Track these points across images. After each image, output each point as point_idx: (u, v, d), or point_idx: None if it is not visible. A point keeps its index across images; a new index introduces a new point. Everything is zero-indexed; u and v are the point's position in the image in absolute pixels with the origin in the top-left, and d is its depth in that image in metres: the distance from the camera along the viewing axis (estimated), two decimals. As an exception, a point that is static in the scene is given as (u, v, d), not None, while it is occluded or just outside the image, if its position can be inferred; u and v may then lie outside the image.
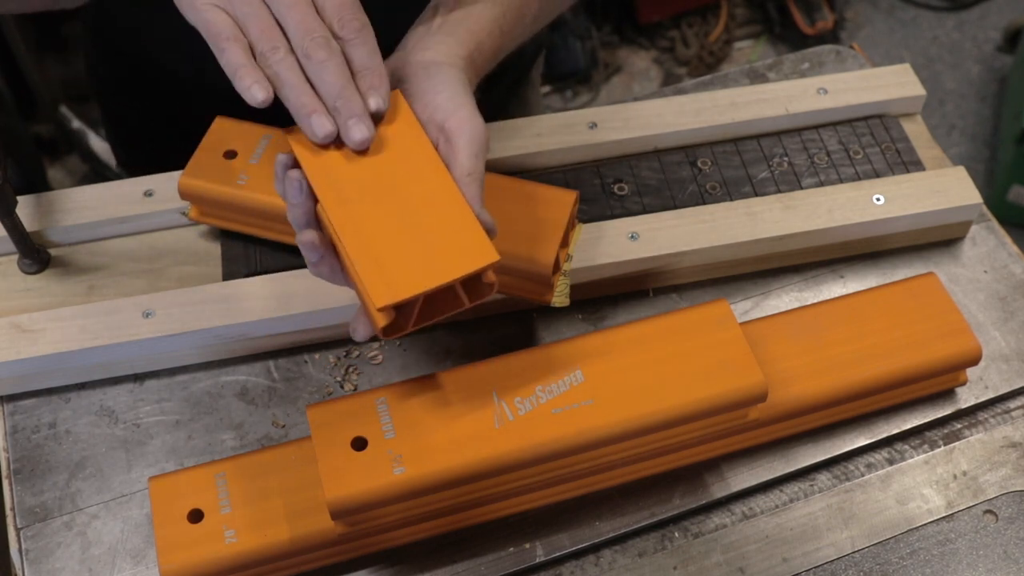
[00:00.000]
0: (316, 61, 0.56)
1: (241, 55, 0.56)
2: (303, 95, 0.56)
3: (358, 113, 0.57)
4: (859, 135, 0.84)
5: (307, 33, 0.57)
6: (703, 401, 0.62)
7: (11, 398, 0.73)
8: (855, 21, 2.37)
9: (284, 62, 0.57)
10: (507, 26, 0.69)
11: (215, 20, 0.57)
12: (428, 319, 0.59)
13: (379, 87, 0.58)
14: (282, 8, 0.57)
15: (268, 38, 0.57)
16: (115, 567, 0.66)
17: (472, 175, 0.59)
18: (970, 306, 0.78)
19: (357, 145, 0.57)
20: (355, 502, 0.59)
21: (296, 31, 0.57)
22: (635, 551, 0.67)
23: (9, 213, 0.72)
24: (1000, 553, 0.67)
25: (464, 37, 0.66)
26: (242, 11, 0.57)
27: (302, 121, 0.57)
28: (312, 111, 0.56)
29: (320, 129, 0.56)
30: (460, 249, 0.57)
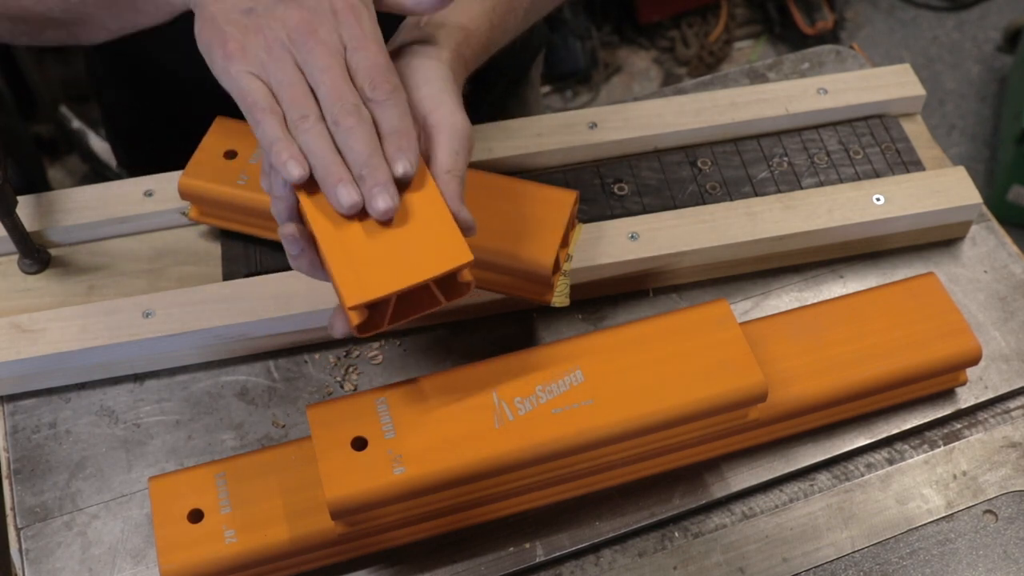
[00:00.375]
0: (344, 128, 0.56)
1: (277, 128, 0.56)
2: (330, 164, 0.56)
3: (382, 182, 0.56)
4: (859, 135, 0.84)
5: (337, 99, 0.56)
6: (703, 401, 0.62)
7: (11, 398, 0.73)
8: (855, 21, 2.37)
9: (313, 131, 0.56)
10: (497, 19, 0.68)
11: (250, 88, 0.57)
12: (404, 317, 0.59)
13: (407, 150, 0.57)
14: (315, 72, 0.57)
15: (299, 106, 0.56)
16: (115, 567, 0.66)
17: (451, 172, 0.59)
18: (970, 306, 0.78)
19: (380, 215, 0.56)
20: (355, 502, 0.59)
21: (327, 97, 0.56)
22: (635, 551, 0.67)
23: (9, 213, 0.72)
24: (1000, 553, 0.67)
25: (452, 30, 0.66)
26: (276, 77, 0.57)
27: (328, 191, 0.56)
28: (338, 181, 0.56)
29: (345, 199, 0.56)
30: (434, 249, 0.57)
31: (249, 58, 0.57)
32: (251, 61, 0.57)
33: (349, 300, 0.56)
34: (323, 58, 0.57)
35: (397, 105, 0.57)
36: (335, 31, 0.58)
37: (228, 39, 0.58)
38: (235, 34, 0.58)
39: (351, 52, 0.58)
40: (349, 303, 0.56)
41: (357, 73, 0.58)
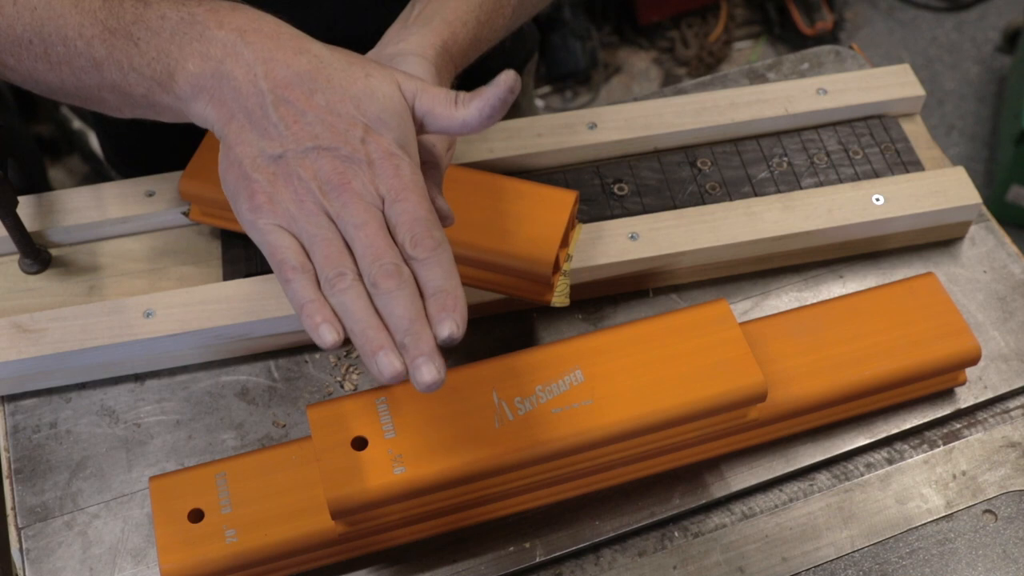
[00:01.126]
0: (384, 291, 0.51)
1: (308, 289, 0.52)
2: (368, 329, 0.51)
3: (427, 352, 0.50)
4: (859, 135, 0.84)
5: (376, 259, 0.51)
6: (703, 401, 0.62)
7: (12, 398, 0.73)
8: (854, 22, 2.38)
9: (350, 291, 0.51)
10: (484, 16, 0.68)
11: (280, 245, 0.53)
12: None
13: (453, 311, 0.51)
14: (351, 229, 0.52)
15: (334, 264, 0.52)
16: (116, 567, 0.66)
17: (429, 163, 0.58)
18: (969, 306, 0.78)
19: (425, 388, 0.50)
20: (355, 502, 0.59)
21: (364, 255, 0.52)
22: (635, 551, 0.68)
23: (10, 213, 0.72)
24: (999, 553, 0.67)
25: (438, 27, 0.65)
26: (308, 232, 0.52)
27: (367, 359, 0.50)
28: (379, 348, 0.50)
29: (387, 369, 0.50)
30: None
31: (278, 211, 0.53)
32: (280, 214, 0.53)
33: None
34: (359, 213, 0.52)
35: (441, 263, 0.52)
36: (371, 182, 0.53)
37: (256, 190, 0.53)
38: (262, 183, 0.53)
39: (389, 204, 0.53)
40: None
41: (397, 228, 0.53)
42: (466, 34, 0.67)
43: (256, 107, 0.54)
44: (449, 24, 0.65)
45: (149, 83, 0.57)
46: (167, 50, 0.55)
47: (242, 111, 0.54)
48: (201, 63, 0.54)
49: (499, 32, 0.71)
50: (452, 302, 0.51)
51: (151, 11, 0.57)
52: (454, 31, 0.65)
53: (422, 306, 0.51)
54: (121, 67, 0.57)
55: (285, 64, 0.54)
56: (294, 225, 0.53)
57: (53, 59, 0.59)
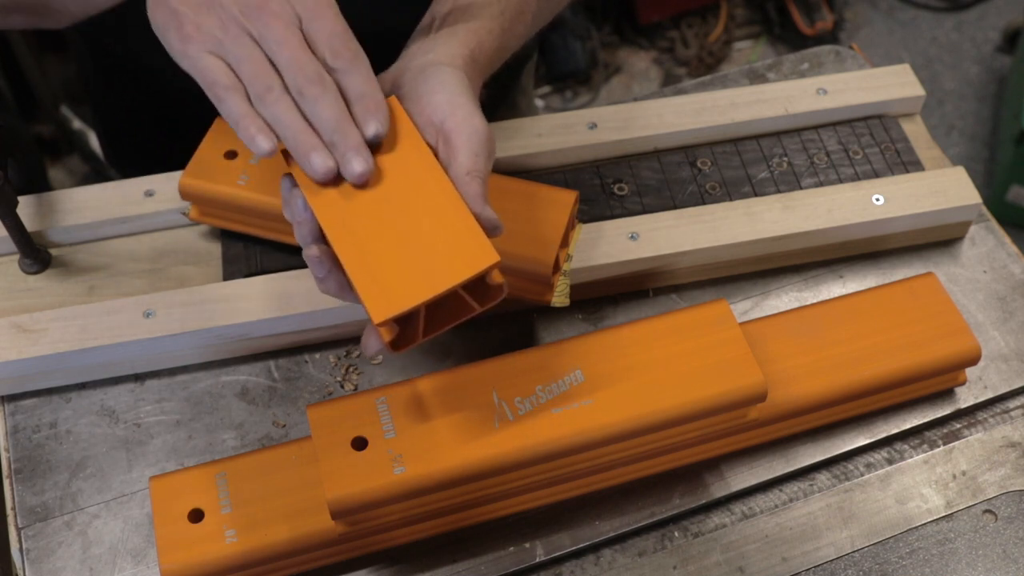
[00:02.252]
0: (309, 98, 0.56)
1: (240, 104, 0.56)
2: (300, 133, 0.56)
3: (354, 146, 0.56)
4: (858, 135, 0.84)
5: (299, 70, 0.56)
6: (703, 401, 0.62)
7: (12, 398, 0.73)
8: (854, 22, 2.38)
9: (279, 103, 0.56)
10: (507, 23, 0.68)
11: (209, 67, 0.57)
12: (439, 328, 0.58)
13: (375, 112, 0.57)
14: (273, 46, 0.56)
15: (262, 79, 0.56)
16: (116, 567, 0.66)
17: (472, 173, 0.58)
18: (969, 306, 0.78)
19: (356, 179, 0.56)
20: (355, 502, 0.59)
21: (288, 68, 0.56)
22: (635, 551, 0.68)
23: (10, 213, 0.72)
24: (999, 553, 0.67)
25: (464, 36, 0.65)
26: (235, 53, 0.56)
27: (301, 160, 0.56)
28: (310, 149, 0.56)
29: (319, 166, 0.56)
30: (459, 253, 0.55)
31: (205, 38, 0.57)
32: (207, 40, 0.57)
33: (376, 316, 0.54)
34: (279, 30, 0.56)
35: (359, 71, 0.57)
36: (288, 3, 0.57)
37: (183, 21, 0.57)
38: (188, 15, 0.57)
39: (307, 22, 0.57)
40: (377, 319, 0.54)
41: (316, 43, 0.57)
42: (491, 42, 0.67)
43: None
44: (475, 33, 0.66)
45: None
46: None
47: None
48: None
49: (521, 39, 0.71)
50: (374, 105, 0.57)
51: None
52: (480, 40, 0.66)
53: (346, 108, 0.56)
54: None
55: None
56: (221, 48, 0.57)
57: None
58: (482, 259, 0.55)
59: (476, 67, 0.65)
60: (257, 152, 0.56)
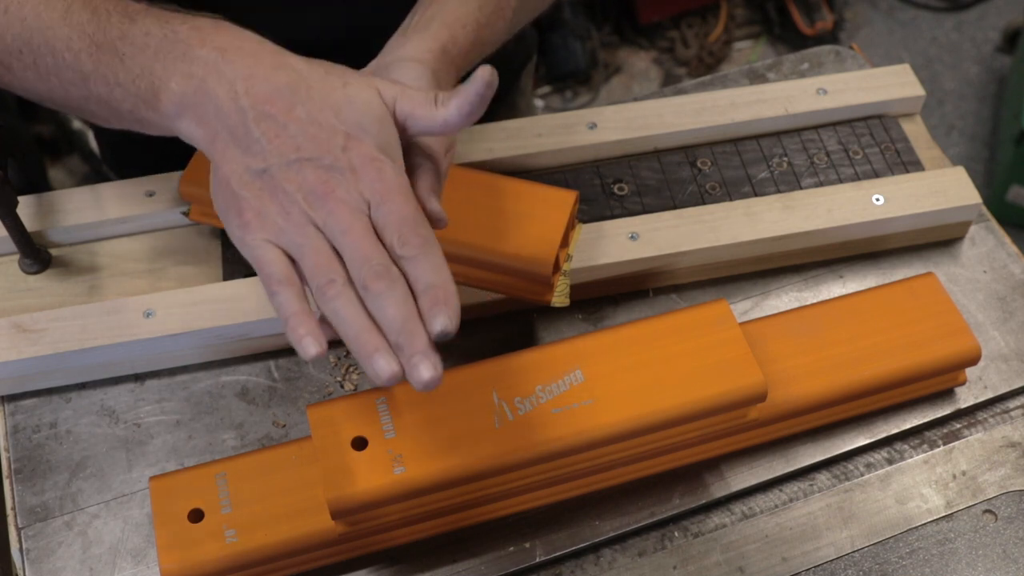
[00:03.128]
0: (375, 293, 0.51)
1: (292, 301, 0.52)
2: (362, 333, 0.51)
3: (421, 349, 0.50)
4: (859, 135, 0.84)
5: (364, 261, 0.52)
6: (703, 401, 0.62)
7: (12, 398, 0.73)
8: (854, 22, 2.38)
9: (341, 297, 0.51)
10: (484, 19, 0.68)
11: (267, 259, 0.53)
12: None
13: (444, 305, 0.51)
14: (337, 235, 0.52)
15: (323, 271, 0.52)
16: (116, 567, 0.66)
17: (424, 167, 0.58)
18: (969, 306, 0.78)
19: (423, 387, 0.50)
20: (355, 502, 0.59)
21: (353, 259, 0.52)
22: (635, 551, 0.68)
23: (10, 213, 0.72)
24: (999, 553, 0.67)
25: (437, 31, 0.65)
26: (296, 243, 0.53)
27: (364, 362, 0.51)
28: (374, 350, 0.50)
29: (384, 372, 0.50)
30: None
31: (266, 225, 0.53)
32: (268, 228, 0.53)
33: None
34: (344, 219, 0.52)
35: (430, 259, 0.52)
36: (355, 188, 0.53)
37: (244, 207, 0.54)
38: (250, 200, 0.54)
39: (375, 208, 0.53)
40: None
41: (384, 229, 0.53)
42: (466, 36, 0.67)
43: (238, 124, 0.54)
44: (448, 27, 0.66)
45: (134, 99, 0.57)
46: (151, 68, 0.56)
47: (225, 129, 0.54)
48: (184, 82, 0.55)
49: (500, 34, 0.71)
50: (444, 296, 0.51)
51: (136, 27, 0.57)
52: (453, 33, 0.66)
53: (414, 305, 0.52)
54: (107, 82, 0.58)
55: (265, 79, 0.55)
56: (282, 237, 0.53)
57: (42, 70, 0.60)
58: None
59: (447, 59, 0.65)
60: (303, 356, 0.51)
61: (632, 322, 0.66)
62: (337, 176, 0.53)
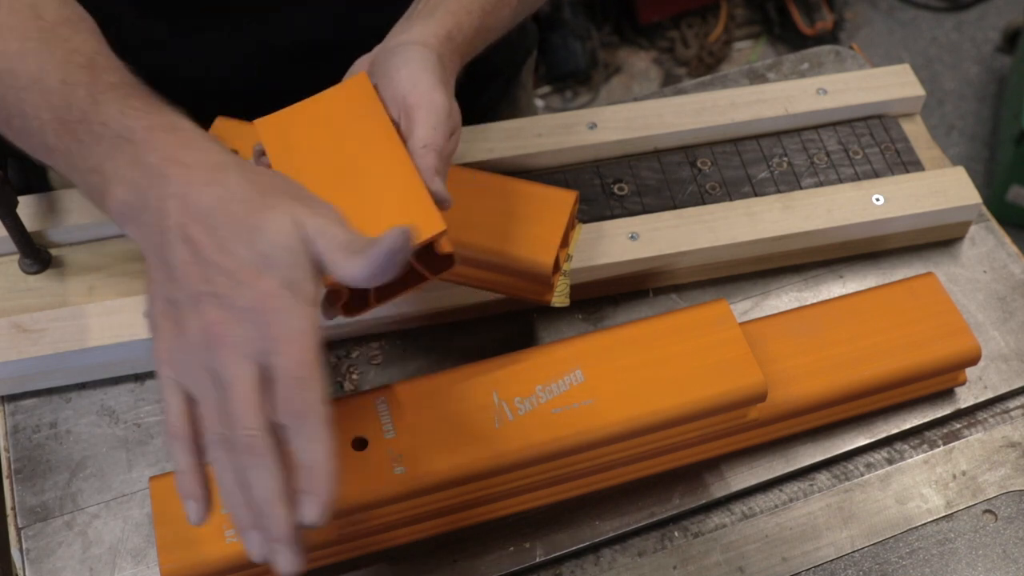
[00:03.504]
0: (243, 465, 0.49)
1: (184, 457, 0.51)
2: (237, 507, 0.50)
3: (283, 537, 0.48)
4: (859, 135, 0.84)
5: (239, 426, 0.49)
6: (703, 401, 0.62)
7: (12, 398, 0.73)
8: (854, 22, 2.38)
9: (220, 461, 0.50)
10: (489, 6, 0.68)
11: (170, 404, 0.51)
12: (391, 296, 0.59)
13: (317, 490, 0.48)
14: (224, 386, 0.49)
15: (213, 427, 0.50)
16: (116, 567, 0.66)
17: (428, 146, 0.58)
18: (969, 306, 0.78)
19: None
20: (355, 502, 0.59)
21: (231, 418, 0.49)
22: (635, 551, 0.68)
23: (10, 213, 0.72)
24: (999, 553, 0.67)
25: (441, 17, 0.65)
26: (194, 391, 0.51)
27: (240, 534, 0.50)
28: (245, 527, 0.49)
29: (254, 549, 0.49)
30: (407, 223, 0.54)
31: (174, 365, 0.51)
32: (175, 367, 0.51)
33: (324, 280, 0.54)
34: (231, 371, 0.49)
35: (309, 433, 0.49)
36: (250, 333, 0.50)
37: (158, 335, 0.52)
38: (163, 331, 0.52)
39: (268, 356, 0.49)
40: (324, 283, 0.53)
41: (273, 383, 0.49)
42: (471, 23, 0.67)
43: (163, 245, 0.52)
44: (453, 14, 0.66)
45: (88, 190, 0.57)
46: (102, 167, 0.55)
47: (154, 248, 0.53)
48: (128, 191, 0.54)
49: (505, 22, 0.71)
50: (317, 481, 0.48)
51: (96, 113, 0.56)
52: (458, 20, 0.66)
53: (282, 482, 0.49)
54: (67, 162, 0.57)
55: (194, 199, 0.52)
56: (185, 379, 0.51)
57: (15, 128, 0.60)
58: (429, 228, 0.56)
59: (452, 46, 0.65)
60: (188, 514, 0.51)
61: (632, 322, 0.66)
62: (234, 318, 0.50)
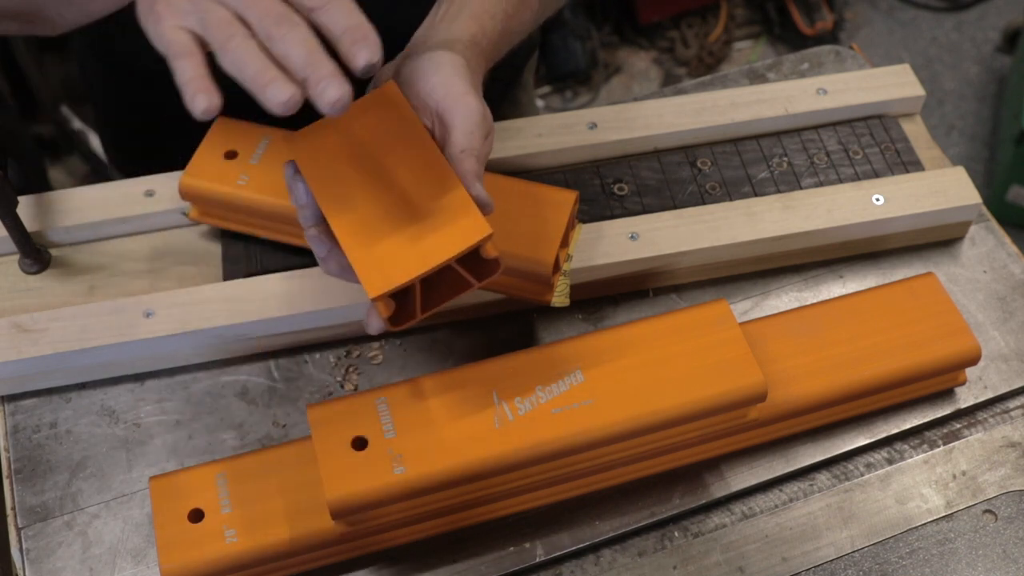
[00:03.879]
0: (278, 37, 0.53)
1: (189, 69, 0.54)
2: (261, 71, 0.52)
3: (328, 74, 0.52)
4: (859, 135, 0.84)
5: (265, 14, 0.53)
6: (703, 401, 0.62)
7: (12, 398, 0.73)
8: (854, 22, 2.38)
9: (240, 47, 0.53)
10: (512, 9, 0.68)
11: (173, 39, 0.55)
12: (438, 303, 0.59)
13: (364, 40, 0.53)
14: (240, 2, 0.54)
15: (224, 30, 0.53)
16: (116, 567, 0.66)
17: (466, 151, 0.59)
18: (969, 306, 0.78)
19: (332, 106, 0.52)
20: (355, 502, 0.59)
21: (255, 17, 0.54)
22: (635, 551, 0.68)
23: (10, 213, 0.72)
24: (999, 553, 0.67)
25: (465, 22, 0.66)
26: (203, 20, 0.55)
27: (260, 96, 0.52)
28: (269, 81, 0.52)
29: (276, 96, 0.52)
30: (452, 229, 0.56)
31: (174, 12, 0.55)
32: (176, 15, 0.55)
33: (371, 291, 0.55)
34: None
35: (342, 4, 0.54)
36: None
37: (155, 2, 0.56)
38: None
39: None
40: (372, 294, 0.55)
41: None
42: (494, 27, 0.67)
43: None
44: (477, 18, 0.66)
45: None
46: None
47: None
48: None
49: (527, 25, 0.72)
50: (362, 33, 0.53)
51: None
52: (482, 24, 0.66)
53: (319, 43, 0.53)
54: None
55: None
56: (189, 19, 0.55)
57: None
58: (475, 233, 0.56)
59: (478, 50, 0.65)
60: (194, 113, 0.53)
61: (632, 322, 0.66)
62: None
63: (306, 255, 0.75)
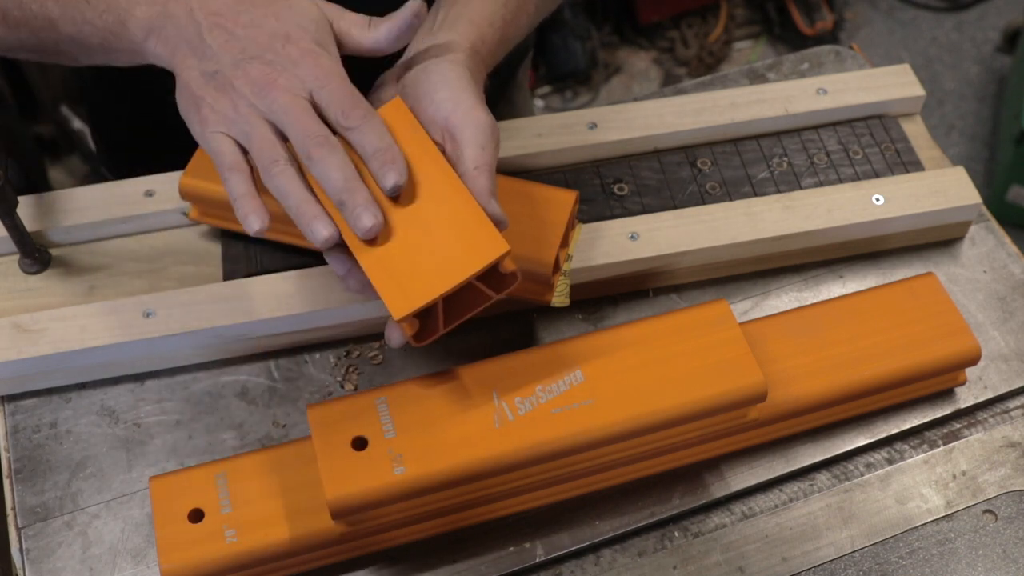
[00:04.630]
0: (317, 160, 0.57)
1: (239, 185, 0.59)
2: (302, 203, 0.58)
3: (363, 202, 0.57)
4: (859, 135, 0.84)
5: (305, 135, 0.57)
6: (703, 401, 0.62)
7: (12, 398, 0.73)
8: (854, 22, 2.38)
9: (283, 174, 0.58)
10: (509, 15, 0.69)
11: (220, 149, 0.59)
12: (459, 317, 0.60)
13: (392, 163, 0.58)
14: (280, 116, 0.58)
15: (267, 153, 0.58)
16: (116, 567, 0.66)
17: (479, 167, 0.60)
18: (969, 306, 0.78)
19: (366, 233, 0.57)
20: (355, 502, 0.59)
21: (295, 135, 0.58)
22: (635, 551, 0.68)
23: (10, 213, 0.72)
24: (999, 553, 0.67)
25: (465, 30, 0.66)
26: (244, 132, 0.59)
27: (304, 230, 0.58)
28: (312, 218, 0.57)
29: (317, 234, 0.57)
30: (470, 246, 0.58)
31: (220, 119, 0.59)
32: (221, 122, 0.59)
33: (396, 313, 0.57)
34: (285, 102, 0.58)
35: (373, 127, 0.58)
36: (296, 77, 0.59)
37: (201, 105, 0.60)
38: (206, 98, 0.60)
39: (316, 92, 0.59)
40: (397, 316, 0.57)
41: (327, 108, 0.59)
42: (493, 34, 0.67)
43: (194, 36, 0.60)
44: (476, 26, 0.66)
45: (103, 33, 0.63)
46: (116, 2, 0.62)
47: (184, 42, 0.61)
48: (148, 9, 0.62)
49: (524, 30, 0.72)
50: (390, 156, 0.58)
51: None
52: (481, 32, 0.66)
53: (354, 169, 0.58)
54: (75, 22, 0.63)
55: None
56: (233, 128, 0.59)
57: (11, 23, 0.65)
58: (492, 250, 0.58)
59: (478, 58, 0.66)
60: (248, 231, 0.58)
61: (632, 322, 0.66)
62: (279, 68, 0.59)
63: (306, 255, 0.75)
